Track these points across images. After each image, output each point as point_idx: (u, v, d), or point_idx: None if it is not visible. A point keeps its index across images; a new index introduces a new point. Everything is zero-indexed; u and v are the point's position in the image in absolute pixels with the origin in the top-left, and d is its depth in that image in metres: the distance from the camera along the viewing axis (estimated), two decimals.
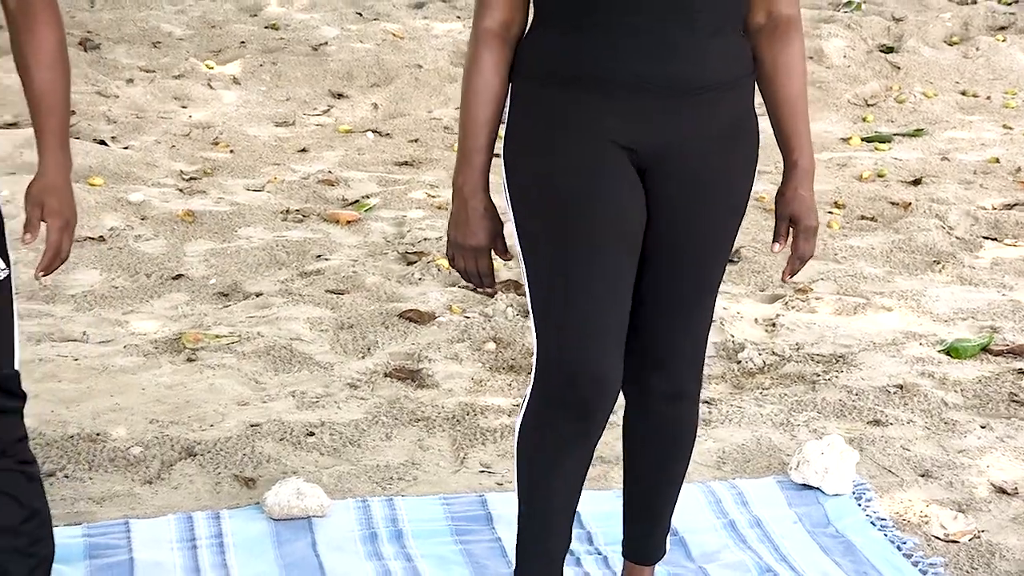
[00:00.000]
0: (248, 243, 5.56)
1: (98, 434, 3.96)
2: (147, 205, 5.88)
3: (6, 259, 2.65)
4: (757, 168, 2.84)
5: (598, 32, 2.63)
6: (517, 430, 2.88)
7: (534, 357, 2.80)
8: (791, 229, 2.80)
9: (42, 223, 2.62)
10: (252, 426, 4.07)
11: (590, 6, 2.63)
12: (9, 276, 2.66)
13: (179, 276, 5.23)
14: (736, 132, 2.76)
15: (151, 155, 6.64)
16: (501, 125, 2.77)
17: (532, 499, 2.92)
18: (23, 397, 2.76)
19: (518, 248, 2.76)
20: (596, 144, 2.68)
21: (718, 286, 2.89)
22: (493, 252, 2.78)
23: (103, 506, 3.64)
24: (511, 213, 2.76)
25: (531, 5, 2.73)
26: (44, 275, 2.66)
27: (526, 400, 2.84)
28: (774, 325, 4.88)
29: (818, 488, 3.77)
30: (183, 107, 7.35)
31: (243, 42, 8.05)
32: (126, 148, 6.70)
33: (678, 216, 2.75)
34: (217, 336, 4.70)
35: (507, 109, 2.76)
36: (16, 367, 2.72)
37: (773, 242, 2.83)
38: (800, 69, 2.79)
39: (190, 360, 4.52)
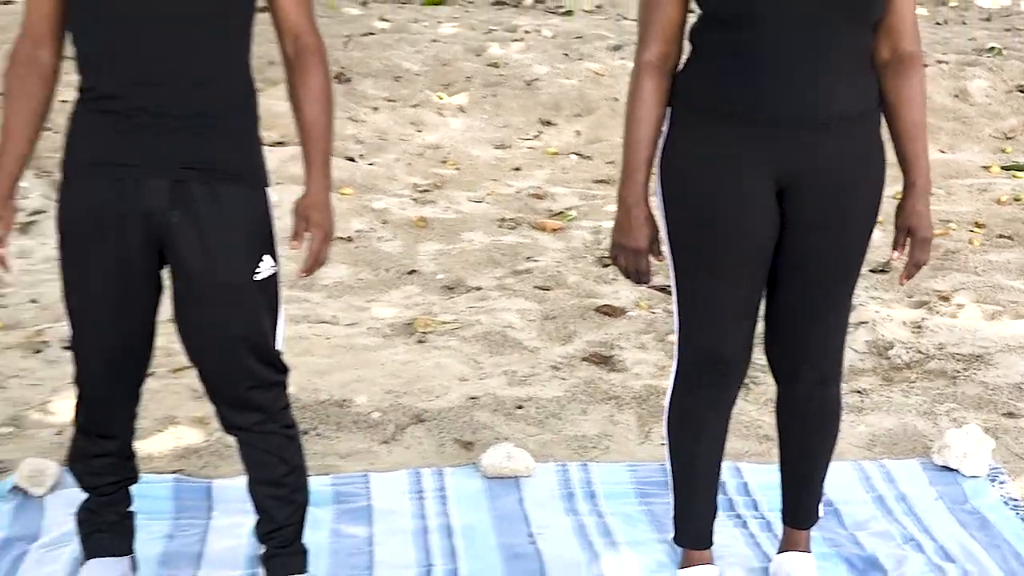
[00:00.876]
0: (470, 245, 5.60)
1: (344, 401, 4.03)
2: (387, 211, 5.96)
3: (275, 257, 2.72)
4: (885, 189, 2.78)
5: (743, 68, 2.60)
6: (665, 412, 2.91)
7: (675, 346, 2.83)
8: (908, 239, 2.76)
9: (306, 233, 2.69)
10: (471, 398, 4.10)
11: (737, 45, 2.60)
12: (278, 272, 2.72)
13: (413, 271, 5.29)
14: (865, 158, 2.71)
15: (391, 170, 6.73)
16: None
17: (680, 469, 2.96)
18: (286, 371, 2.82)
19: (667, 250, 2.76)
20: (736, 168, 2.66)
21: (852, 291, 2.85)
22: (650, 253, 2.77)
23: (347, 460, 3.70)
24: (663, 221, 2.76)
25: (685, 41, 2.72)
26: (306, 276, 2.73)
27: (671, 378, 2.88)
28: (920, 327, 4.75)
29: (957, 470, 3.66)
30: (418, 131, 7.43)
31: (469, 77, 8.10)
32: (371, 164, 6.81)
33: (814, 234, 2.72)
34: (443, 322, 4.74)
35: (665, 130, 2.74)
36: (279, 347, 2.79)
37: (893, 249, 2.80)
38: (920, 100, 2.71)
39: (420, 342, 4.57)
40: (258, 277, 2.67)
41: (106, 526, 2.97)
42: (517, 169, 6.91)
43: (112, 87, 2.56)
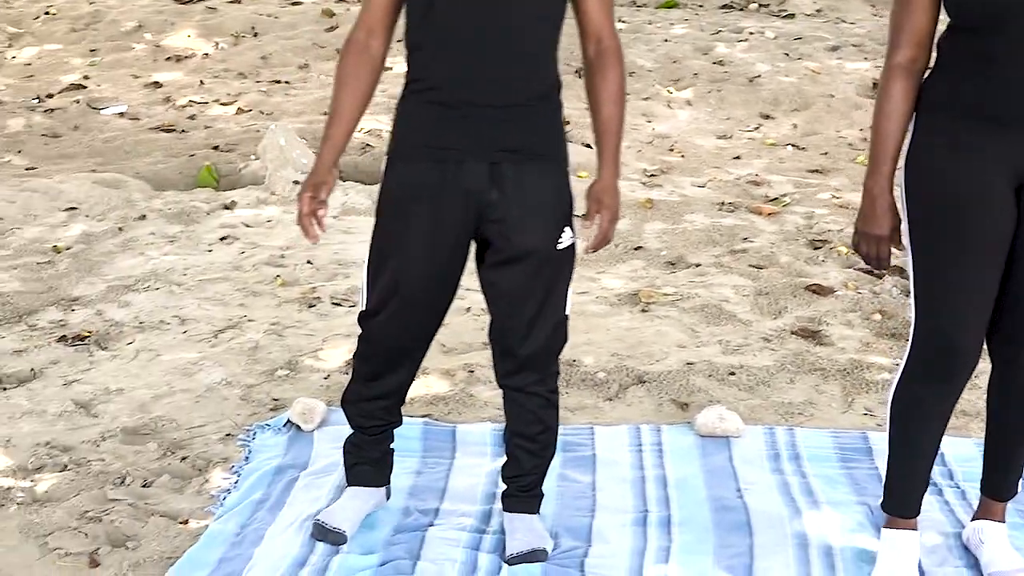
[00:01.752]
0: (691, 225, 5.53)
1: (574, 361, 4.03)
2: None
3: (573, 230, 2.74)
4: None
5: (989, 73, 2.51)
6: (892, 388, 2.79)
7: (911, 330, 2.72)
8: None
9: (596, 215, 2.72)
10: (688, 364, 4.05)
11: (982, 51, 2.51)
12: (575, 244, 2.74)
13: (639, 247, 5.26)
14: None
15: (623, 156, 6.67)
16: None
17: (899, 448, 2.83)
18: (566, 340, 2.83)
19: (907, 241, 2.66)
20: (978, 166, 2.56)
21: None
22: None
23: (575, 414, 3.71)
24: (905, 213, 2.66)
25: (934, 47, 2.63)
26: (592, 252, 2.75)
27: (902, 364, 2.75)
28: None
29: None
30: (648, 121, 7.38)
31: (696, 74, 7.99)
32: None
33: None
34: (665, 294, 4.70)
35: (911, 129, 2.65)
36: (567, 312, 2.80)
37: None
38: None
39: (643, 311, 4.55)
40: (560, 247, 2.71)
41: (369, 461, 3.04)
42: (737, 158, 6.79)
43: (439, 80, 2.62)
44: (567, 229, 2.71)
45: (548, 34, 2.65)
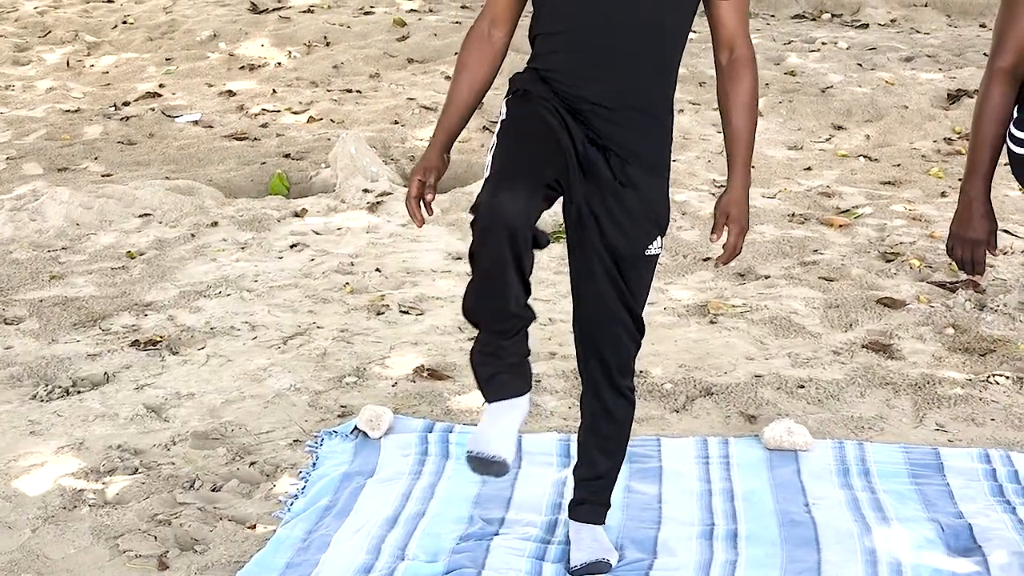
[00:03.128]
0: (761, 237, 5.48)
1: (642, 371, 4.01)
2: (687, 204, 5.91)
3: (662, 241, 2.73)
4: None
5: None
6: None
7: None
8: None
9: (724, 228, 2.71)
10: (756, 376, 4.02)
11: None
12: (659, 256, 2.75)
13: (707, 258, 5.22)
14: None
15: (692, 167, 6.67)
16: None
17: None
18: (642, 335, 2.81)
19: None
20: None
21: None
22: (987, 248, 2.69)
23: (641, 425, 3.69)
24: None
25: None
26: (723, 265, 2.74)
27: None
28: None
29: None
30: (718, 132, 7.31)
31: (767, 84, 7.93)
32: (674, 161, 6.73)
33: None
34: (733, 306, 4.67)
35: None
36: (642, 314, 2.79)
37: None
38: None
39: (712, 322, 4.52)
40: (648, 253, 2.70)
41: (507, 368, 2.66)
42: (808, 169, 6.73)
43: (559, 73, 2.61)
44: (659, 238, 2.70)
45: (673, 46, 2.64)
